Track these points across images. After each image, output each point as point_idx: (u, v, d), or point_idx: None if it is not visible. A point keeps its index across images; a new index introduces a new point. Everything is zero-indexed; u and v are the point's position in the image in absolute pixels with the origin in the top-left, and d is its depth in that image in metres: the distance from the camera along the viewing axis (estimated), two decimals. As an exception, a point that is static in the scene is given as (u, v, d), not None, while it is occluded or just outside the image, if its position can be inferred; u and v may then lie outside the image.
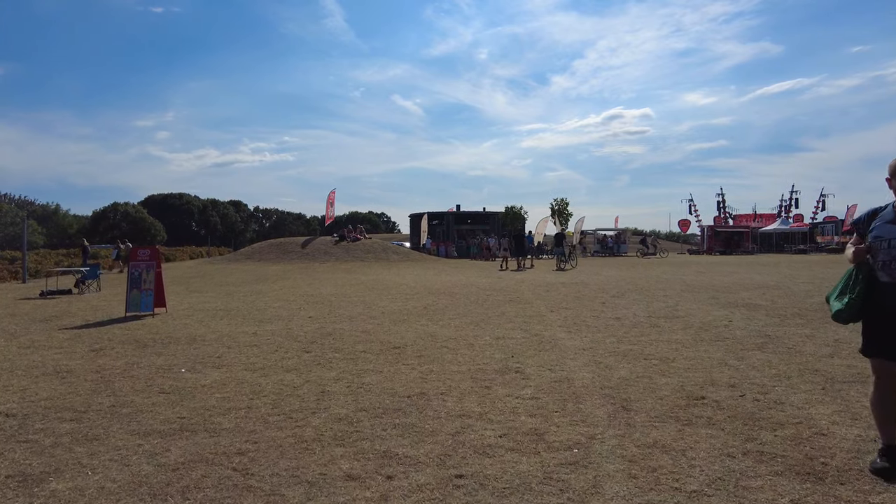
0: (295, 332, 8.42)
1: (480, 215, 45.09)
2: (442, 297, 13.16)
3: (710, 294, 12.82)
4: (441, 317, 9.87)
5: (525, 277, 19.10)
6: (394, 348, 7.07)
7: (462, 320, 9.42)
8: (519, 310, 10.61)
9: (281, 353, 6.91)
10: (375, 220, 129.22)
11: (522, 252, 26.96)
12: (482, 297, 13.03)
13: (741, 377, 5.34)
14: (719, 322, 8.75)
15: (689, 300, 11.71)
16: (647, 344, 7.11)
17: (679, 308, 10.46)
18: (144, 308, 10.70)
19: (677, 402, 4.57)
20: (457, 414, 4.36)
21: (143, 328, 9.16)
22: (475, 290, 14.54)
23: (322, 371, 5.94)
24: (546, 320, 9.26)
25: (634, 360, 6.16)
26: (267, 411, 4.57)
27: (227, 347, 7.37)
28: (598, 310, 10.43)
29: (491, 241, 36.47)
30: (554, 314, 9.95)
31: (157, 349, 7.33)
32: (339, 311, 10.74)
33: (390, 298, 12.95)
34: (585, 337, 7.65)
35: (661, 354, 6.47)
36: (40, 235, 60.93)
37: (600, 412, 4.36)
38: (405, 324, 9.13)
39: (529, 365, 6.00)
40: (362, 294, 14.04)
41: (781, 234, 53.19)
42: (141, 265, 10.89)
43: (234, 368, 6.14)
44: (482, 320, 9.37)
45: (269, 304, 12.29)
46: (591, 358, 6.31)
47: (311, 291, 14.92)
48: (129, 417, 4.45)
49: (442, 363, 6.18)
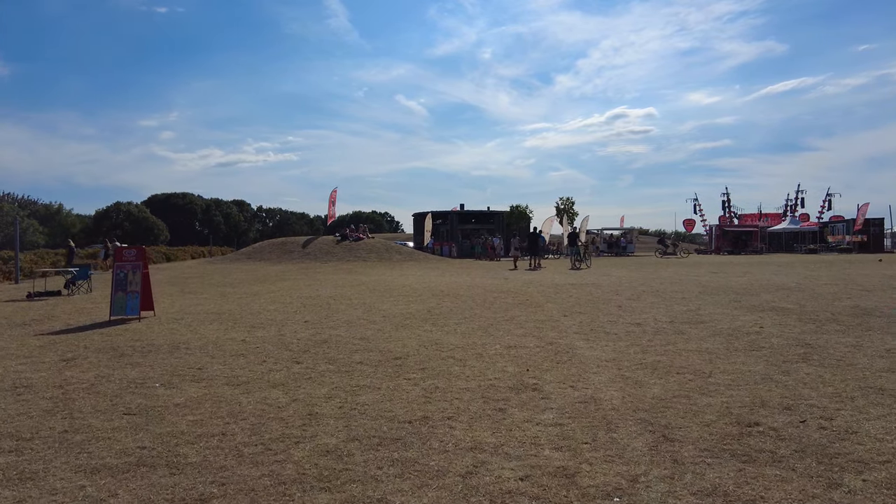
0: (287, 339, 7.74)
1: (484, 215, 44.31)
2: (446, 299, 12.47)
3: (731, 296, 12.08)
4: (446, 322, 9.17)
5: (533, 278, 18.38)
6: (394, 359, 6.37)
7: (469, 325, 8.72)
8: (530, 314, 9.90)
9: (269, 365, 6.22)
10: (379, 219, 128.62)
11: (536, 251, 25.93)
12: (489, 299, 12.33)
13: (794, 397, 4.62)
14: (749, 328, 8.02)
15: (710, 303, 10.97)
16: (676, 354, 6.39)
17: (702, 312, 9.74)
18: (130, 311, 10.04)
19: (727, 430, 3.86)
20: (467, 446, 3.66)
21: (125, 334, 8.50)
22: (481, 292, 13.84)
23: (312, 387, 5.25)
24: (560, 326, 8.55)
25: (666, 375, 5.45)
26: (243, 439, 3.88)
27: (210, 357, 6.70)
28: (615, 314, 9.71)
29: (496, 241, 35.76)
30: (568, 319, 9.24)
31: (135, 359, 6.66)
32: (336, 316, 10.06)
33: (392, 301, 12.26)
34: (606, 346, 6.93)
35: (695, 367, 5.76)
36: (41, 235, 60.51)
37: (639, 443, 3.66)
38: (407, 330, 8.44)
39: (547, 380, 5.29)
40: (363, 296, 13.36)
41: (790, 234, 52.30)
42: (126, 266, 10.23)
43: (215, 383, 5.46)
44: (490, 326, 8.66)
45: (264, 306, 11.62)
46: (617, 372, 5.60)
47: (309, 293, 14.24)
48: (80, 447, 3.77)
49: (448, 378, 5.48)
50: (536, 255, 25.68)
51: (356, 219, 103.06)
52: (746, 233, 49.64)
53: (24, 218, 61.27)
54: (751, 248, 46.80)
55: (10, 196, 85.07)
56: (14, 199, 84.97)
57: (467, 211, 44.52)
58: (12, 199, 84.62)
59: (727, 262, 28.34)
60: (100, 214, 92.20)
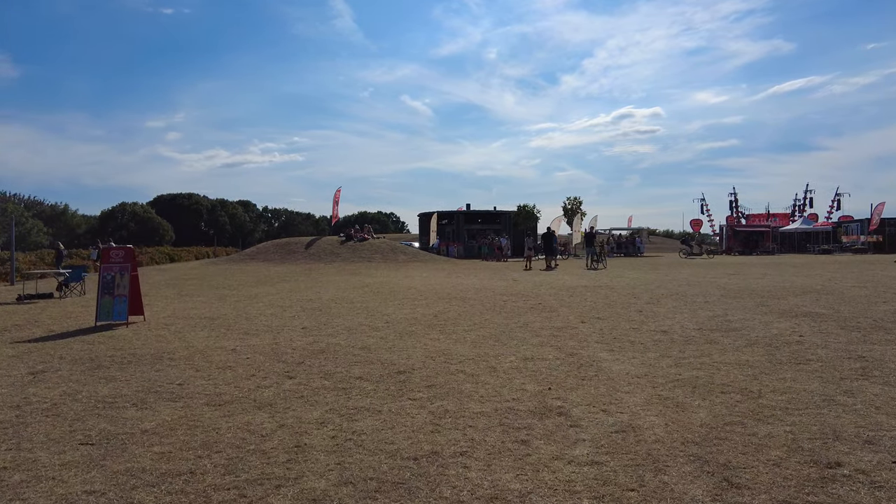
0: (282, 349, 7.08)
1: (491, 214, 43.53)
2: (454, 302, 11.79)
3: (757, 300, 11.33)
4: (454, 328, 8.49)
5: (543, 280, 17.66)
6: (397, 373, 5.69)
7: (479, 333, 8.03)
8: (544, 320, 9.20)
9: (258, 380, 5.56)
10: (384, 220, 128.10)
11: (551, 251, 25.77)
12: (499, 303, 11.63)
13: (872, 425, 3.91)
14: (788, 337, 7.30)
15: (737, 308, 10.24)
16: (714, 368, 5.68)
17: (730, 318, 9.01)
18: (118, 316, 9.41)
19: (804, 473, 3.16)
20: (486, 494, 2.97)
21: (108, 342, 7.86)
22: (491, 295, 13.14)
23: (303, 409, 4.57)
24: (579, 334, 7.85)
25: (708, 394, 4.75)
26: (214, 481, 3.21)
27: (195, 370, 6.04)
28: (637, 320, 9.00)
29: (503, 242, 35.04)
30: (587, 326, 8.53)
31: (112, 372, 6.01)
32: (337, 321, 9.39)
33: (397, 304, 11.59)
34: (633, 358, 6.23)
35: (739, 384, 5.05)
36: (45, 235, 60.24)
37: (697, 490, 2.96)
38: (412, 337, 7.76)
39: (574, 402, 4.60)
40: (366, 299, 12.70)
41: (802, 234, 51.35)
42: (114, 268, 9.60)
43: (194, 402, 4.80)
44: (503, 333, 7.97)
45: (261, 310, 10.97)
46: (652, 391, 4.89)
47: (310, 296, 13.59)
48: (14, 493, 3.11)
49: (459, 398, 4.79)
50: (552, 254, 25.51)
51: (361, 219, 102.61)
52: (758, 233, 48.68)
53: (29, 219, 61.07)
54: (762, 249, 45.88)
55: (16, 196, 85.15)
56: (20, 199, 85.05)
57: (473, 211, 43.79)
58: (19, 200, 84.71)
59: (741, 263, 27.51)
60: (105, 215, 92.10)
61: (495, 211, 43.80)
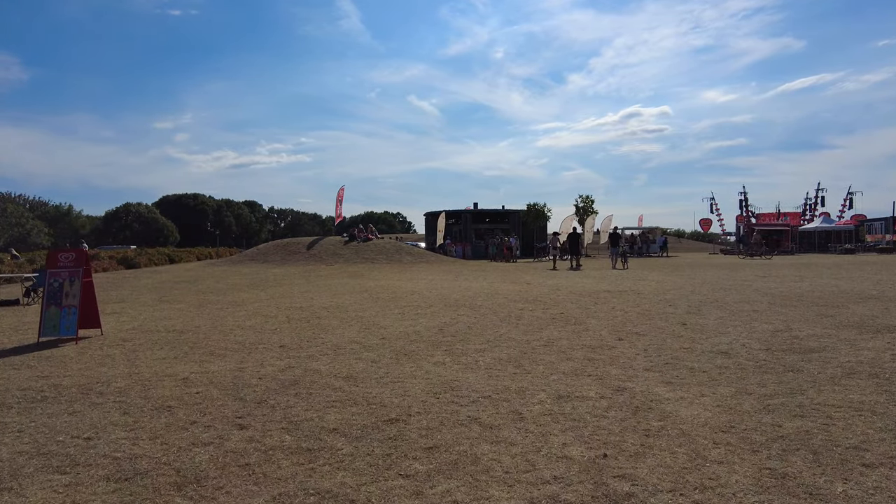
0: (245, 379, 5.58)
1: (499, 214, 41.90)
2: (462, 311, 10.26)
3: (815, 309, 9.74)
4: (463, 347, 6.97)
5: (560, 284, 16.09)
6: (388, 422, 4.17)
7: (495, 355, 6.51)
8: (572, 335, 7.66)
9: (197, 431, 4.06)
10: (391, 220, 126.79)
11: (577, 251, 25.19)
12: (514, 312, 10.09)
13: None
14: (892, 362, 5.72)
15: (797, 319, 8.65)
16: (821, 414, 4.12)
17: (798, 333, 7.43)
18: (66, 331, 7.95)
19: None
20: None
21: (37, 366, 6.39)
22: (503, 302, 11.61)
23: (242, 491, 3.07)
24: (620, 356, 6.30)
25: (843, 466, 3.20)
26: None
27: (122, 412, 4.56)
28: (685, 336, 7.43)
29: (512, 241, 33.42)
30: (626, 344, 6.98)
31: (9, 417, 4.54)
32: (323, 336, 7.89)
33: (397, 313, 10.08)
34: (703, 396, 4.68)
35: (876, 445, 3.50)
36: (46, 236, 59.32)
37: None
38: (412, 361, 6.24)
39: (649, 484, 3.05)
40: (363, 306, 11.20)
41: (823, 233, 49.47)
42: (62, 274, 8.14)
43: (87, 477, 3.31)
44: (524, 355, 6.44)
45: (240, 321, 9.50)
46: (755, 459, 3.34)
47: (301, 302, 12.11)
48: None
49: (473, 475, 3.26)
50: (577, 255, 25.08)
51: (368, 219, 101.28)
52: (777, 232, 46.75)
53: (30, 219, 60.08)
54: (781, 249, 44.01)
55: (21, 197, 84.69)
56: (25, 200, 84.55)
57: (481, 210, 42.22)
58: (24, 201, 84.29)
59: (766, 264, 25.78)
60: (109, 215, 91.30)
61: (503, 210, 42.21)
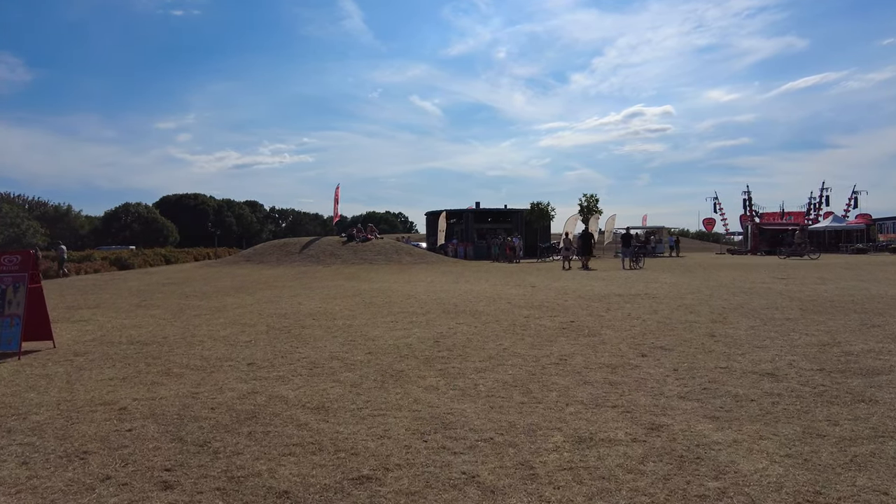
0: (194, 410, 4.59)
1: (502, 213, 40.79)
2: (462, 319, 9.27)
3: (855, 317, 8.72)
4: (461, 366, 5.97)
5: (567, 287, 15.07)
6: (356, 481, 3.16)
7: (497, 376, 5.51)
8: (587, 350, 6.65)
9: (105, 493, 3.07)
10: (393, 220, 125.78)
11: (589, 251, 24.70)
12: (519, 320, 9.09)
13: None
14: (978, 388, 4.71)
15: (840, 329, 7.63)
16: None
17: (847, 347, 6.41)
18: (6, 345, 6.95)
19: None
20: None
21: (-42, 389, 5.42)
22: (507, 308, 10.61)
23: None
24: (647, 379, 5.29)
25: None
26: None
27: (20, 463, 3.57)
28: (718, 351, 6.42)
29: (516, 241, 32.35)
30: (651, 362, 5.96)
31: None
32: (301, 351, 6.90)
33: (389, 322, 9.09)
34: (765, 440, 3.67)
35: None
36: (42, 237, 58.47)
37: None
38: (398, 385, 5.24)
39: None
40: (353, 313, 10.21)
41: (833, 233, 48.37)
42: (5, 280, 7.15)
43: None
44: (533, 378, 5.43)
45: (213, 331, 8.52)
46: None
47: (288, 308, 11.13)
48: None
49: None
50: (589, 255, 24.68)
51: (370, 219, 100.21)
52: (786, 232, 45.63)
53: (25, 219, 59.18)
54: (790, 249, 42.90)
55: (21, 197, 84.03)
56: (25, 200, 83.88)
57: (483, 209, 41.16)
58: (24, 201, 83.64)
59: (780, 265, 24.72)
60: (109, 215, 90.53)
61: (506, 209, 41.13)
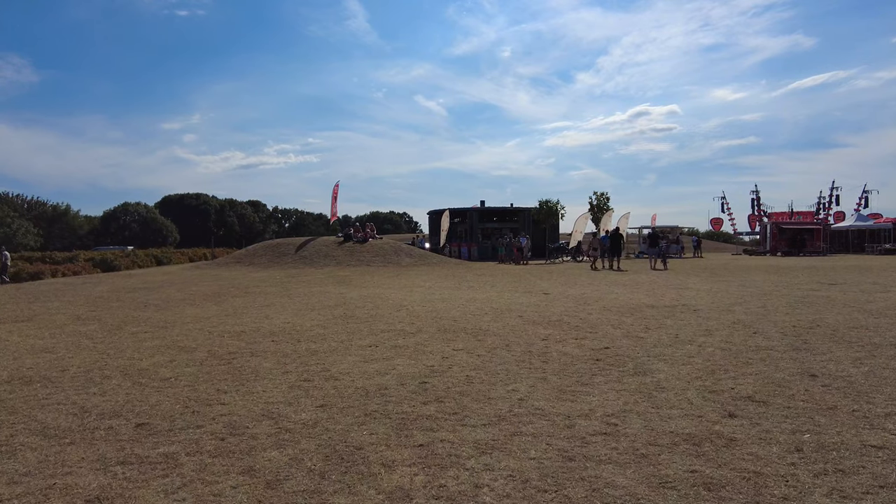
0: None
1: (508, 212, 38.56)
2: (461, 341, 7.20)
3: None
4: (455, 436, 3.89)
5: (587, 293, 12.96)
6: None
7: (512, 461, 3.41)
8: (641, 401, 4.54)
9: None
10: (397, 220, 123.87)
11: (618, 252, 23.28)
12: (537, 344, 7.01)
13: None
14: None
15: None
16: None
17: None
18: None
19: None
20: None
21: None
22: (518, 323, 8.53)
23: None
24: (761, 470, 3.17)
25: None
26: None
27: None
28: (841, 406, 4.30)
29: (523, 241, 30.17)
30: (747, 429, 3.84)
31: None
32: (223, 402, 4.83)
33: (367, 347, 7.03)
34: None
35: None
36: (35, 237, 56.78)
37: None
38: (346, 485, 3.18)
39: None
40: (326, 332, 8.16)
41: (857, 232, 45.98)
42: None
43: None
44: (571, 466, 3.33)
45: (135, 360, 6.48)
46: None
47: (248, 324, 9.09)
48: None
49: None
50: (618, 255, 23.39)
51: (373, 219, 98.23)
52: (808, 231, 43.27)
53: (16, 219, 57.51)
54: (811, 249, 40.60)
55: (20, 197, 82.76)
56: (24, 200, 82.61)
57: (488, 208, 38.98)
58: (22, 201, 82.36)
59: (807, 267, 22.49)
60: (108, 215, 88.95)
61: (512, 208, 38.96)
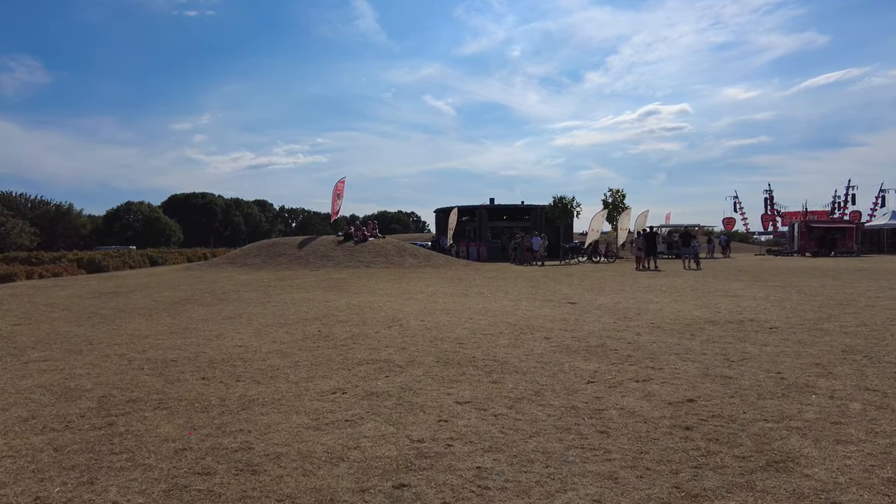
0: None
1: (519, 210, 36.21)
2: (468, 385, 5.03)
3: None
4: None
5: (621, 302, 10.72)
6: None
7: None
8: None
9: None
10: (405, 219, 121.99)
11: (654, 252, 23.07)
12: (582, 390, 4.83)
13: None
14: None
15: None
16: None
17: None
18: None
19: None
20: None
21: None
22: (548, 350, 6.35)
23: None
24: None
25: None
26: None
27: None
28: None
29: (534, 241, 27.82)
30: None
31: None
32: None
33: (333, 389, 4.88)
34: None
35: None
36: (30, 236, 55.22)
37: None
38: None
39: None
40: (283, 362, 6.02)
41: (891, 231, 43.37)
42: None
43: None
44: None
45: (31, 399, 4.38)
46: None
47: (191, 347, 6.98)
48: None
49: None
50: (654, 255, 23.23)
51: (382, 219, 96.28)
52: (839, 230, 40.69)
53: (10, 217, 56.04)
54: (841, 249, 38.06)
55: (23, 196, 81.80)
56: (26, 198, 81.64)
57: (499, 206, 36.65)
58: (25, 199, 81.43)
59: (855, 269, 20.08)
60: (111, 214, 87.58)
61: (523, 206, 36.62)
